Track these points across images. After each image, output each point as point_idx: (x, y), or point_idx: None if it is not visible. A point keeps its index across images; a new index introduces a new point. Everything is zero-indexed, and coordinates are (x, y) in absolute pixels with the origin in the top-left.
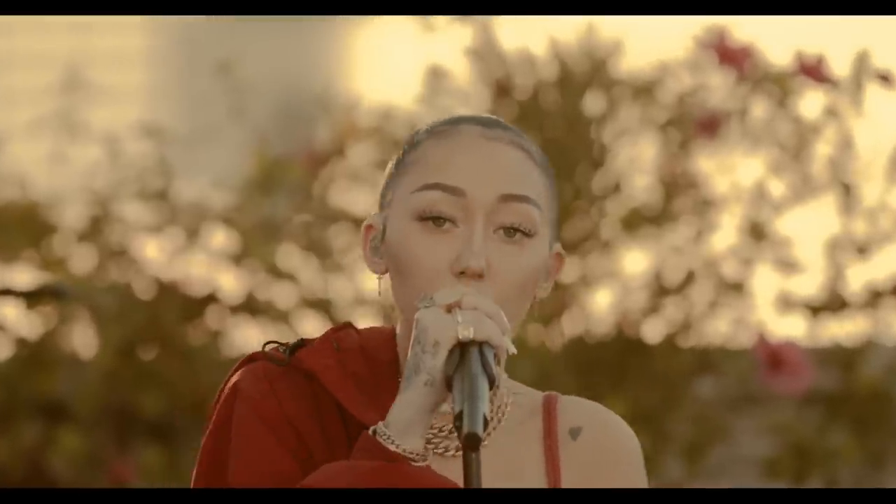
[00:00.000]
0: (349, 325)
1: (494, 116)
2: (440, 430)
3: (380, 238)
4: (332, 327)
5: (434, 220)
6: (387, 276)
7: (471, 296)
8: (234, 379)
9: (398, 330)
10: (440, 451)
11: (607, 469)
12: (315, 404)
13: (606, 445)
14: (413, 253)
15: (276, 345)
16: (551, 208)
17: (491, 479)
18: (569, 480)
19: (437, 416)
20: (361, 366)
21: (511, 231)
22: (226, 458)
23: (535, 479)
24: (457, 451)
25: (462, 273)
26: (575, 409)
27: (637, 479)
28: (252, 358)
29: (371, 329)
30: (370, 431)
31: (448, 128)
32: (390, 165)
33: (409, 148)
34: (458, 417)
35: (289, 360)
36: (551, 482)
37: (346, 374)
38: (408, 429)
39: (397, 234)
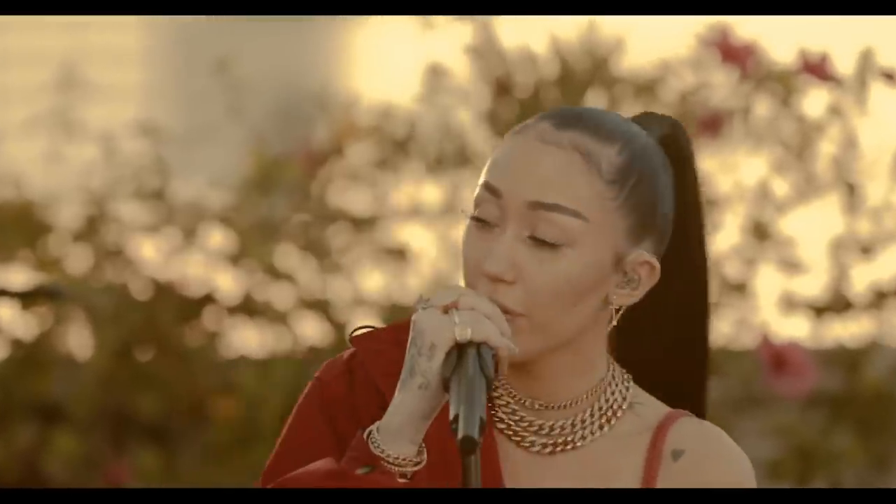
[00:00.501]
0: None
1: (587, 110)
2: (530, 425)
3: None
4: None
5: (479, 218)
6: None
7: (468, 296)
8: None
9: None
10: (526, 445)
11: None
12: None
13: (705, 471)
14: (463, 248)
15: (371, 328)
16: (618, 216)
17: (585, 481)
18: None
19: (526, 410)
20: None
21: (537, 240)
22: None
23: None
24: (542, 447)
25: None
26: (688, 430)
27: None
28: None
29: None
30: (366, 432)
31: (528, 123)
32: None
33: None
34: (455, 420)
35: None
36: None
37: None
38: (397, 434)
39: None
